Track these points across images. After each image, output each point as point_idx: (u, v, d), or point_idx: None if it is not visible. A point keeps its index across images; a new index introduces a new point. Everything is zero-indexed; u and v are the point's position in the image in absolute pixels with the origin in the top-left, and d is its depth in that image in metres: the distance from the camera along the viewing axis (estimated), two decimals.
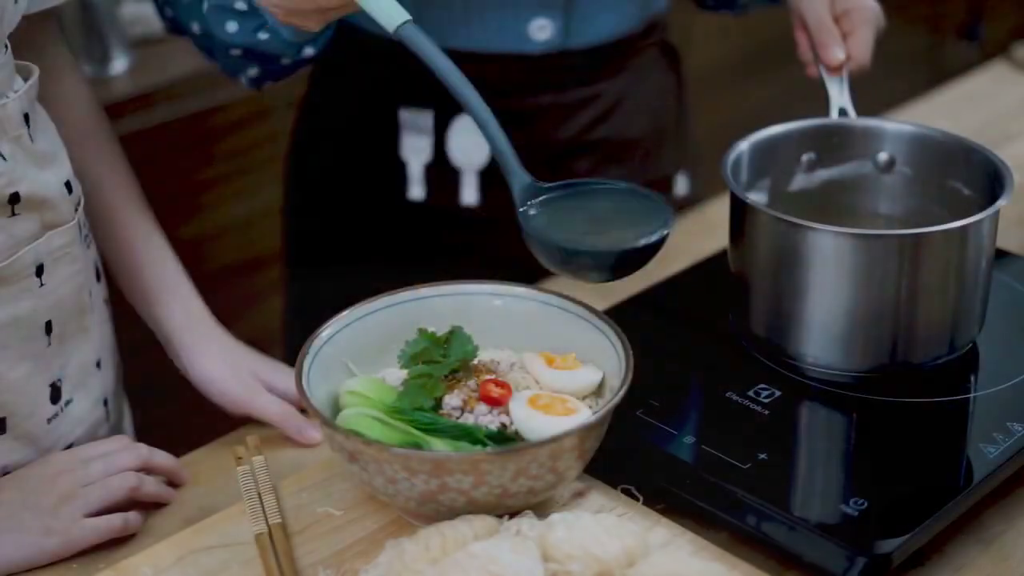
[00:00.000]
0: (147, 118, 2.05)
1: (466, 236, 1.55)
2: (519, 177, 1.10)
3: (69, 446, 1.20)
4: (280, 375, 1.28)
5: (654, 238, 1.06)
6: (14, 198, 1.10)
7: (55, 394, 1.18)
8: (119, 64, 2.12)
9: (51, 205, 1.14)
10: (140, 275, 1.29)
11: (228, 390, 1.25)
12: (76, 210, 1.19)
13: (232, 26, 1.28)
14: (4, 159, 1.10)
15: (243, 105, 2.16)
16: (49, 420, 1.17)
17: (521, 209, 1.09)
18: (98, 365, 1.24)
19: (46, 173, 1.14)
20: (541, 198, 1.10)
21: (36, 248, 1.13)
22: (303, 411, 1.25)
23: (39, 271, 1.14)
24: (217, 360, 1.26)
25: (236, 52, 1.32)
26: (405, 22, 1.08)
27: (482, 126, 1.09)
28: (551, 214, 1.09)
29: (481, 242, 1.55)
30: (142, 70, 2.12)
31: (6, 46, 1.12)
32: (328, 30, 1.29)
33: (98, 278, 1.25)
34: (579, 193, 1.11)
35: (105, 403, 1.26)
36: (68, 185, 1.17)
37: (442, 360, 1.09)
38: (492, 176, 1.52)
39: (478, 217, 1.54)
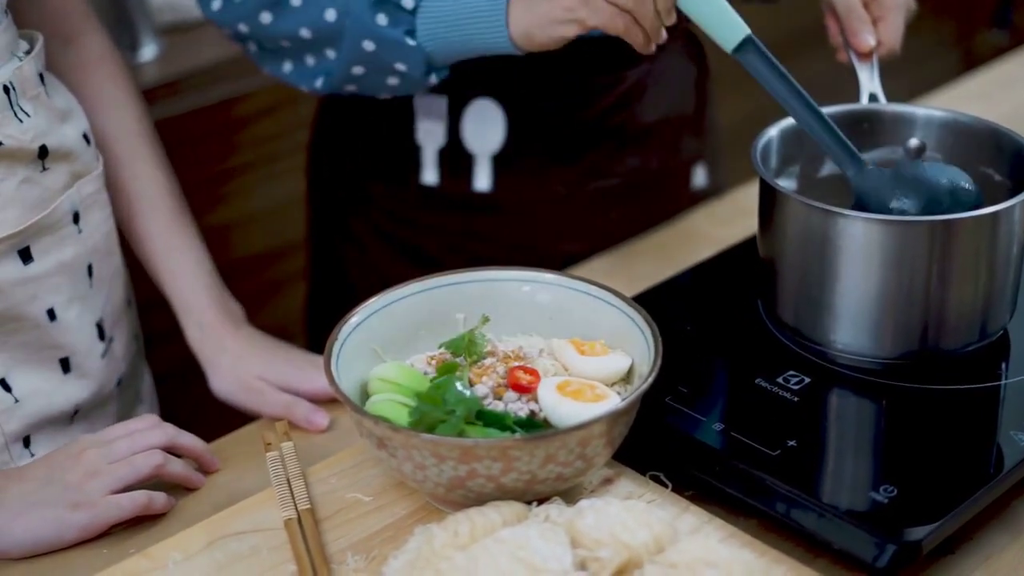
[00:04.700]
0: (175, 105, 2.05)
1: (478, 222, 1.55)
2: (856, 164, 1.22)
3: (119, 383, 1.29)
4: (287, 372, 1.29)
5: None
6: (43, 151, 1.18)
7: (100, 333, 1.26)
8: (148, 51, 2.12)
9: (76, 156, 1.23)
10: (161, 287, 1.35)
11: (236, 401, 1.31)
12: (98, 160, 1.28)
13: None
14: (28, 115, 1.17)
15: (270, 93, 2.17)
16: (102, 356, 1.26)
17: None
18: (128, 304, 1.35)
19: (66, 127, 1.22)
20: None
21: (70, 197, 1.22)
22: (333, 400, 1.26)
23: (76, 218, 1.23)
24: (224, 374, 1.31)
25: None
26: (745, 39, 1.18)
27: (810, 131, 1.21)
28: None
29: (492, 228, 1.55)
30: (171, 57, 2.13)
31: (6, 11, 1.19)
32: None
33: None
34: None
35: (136, 338, 1.36)
36: (86, 137, 1.26)
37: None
38: (505, 162, 1.52)
39: (491, 203, 1.54)
